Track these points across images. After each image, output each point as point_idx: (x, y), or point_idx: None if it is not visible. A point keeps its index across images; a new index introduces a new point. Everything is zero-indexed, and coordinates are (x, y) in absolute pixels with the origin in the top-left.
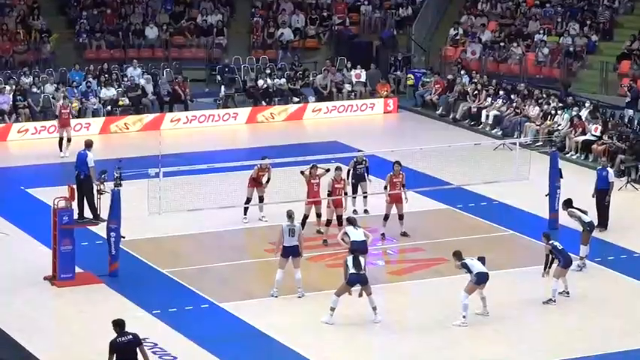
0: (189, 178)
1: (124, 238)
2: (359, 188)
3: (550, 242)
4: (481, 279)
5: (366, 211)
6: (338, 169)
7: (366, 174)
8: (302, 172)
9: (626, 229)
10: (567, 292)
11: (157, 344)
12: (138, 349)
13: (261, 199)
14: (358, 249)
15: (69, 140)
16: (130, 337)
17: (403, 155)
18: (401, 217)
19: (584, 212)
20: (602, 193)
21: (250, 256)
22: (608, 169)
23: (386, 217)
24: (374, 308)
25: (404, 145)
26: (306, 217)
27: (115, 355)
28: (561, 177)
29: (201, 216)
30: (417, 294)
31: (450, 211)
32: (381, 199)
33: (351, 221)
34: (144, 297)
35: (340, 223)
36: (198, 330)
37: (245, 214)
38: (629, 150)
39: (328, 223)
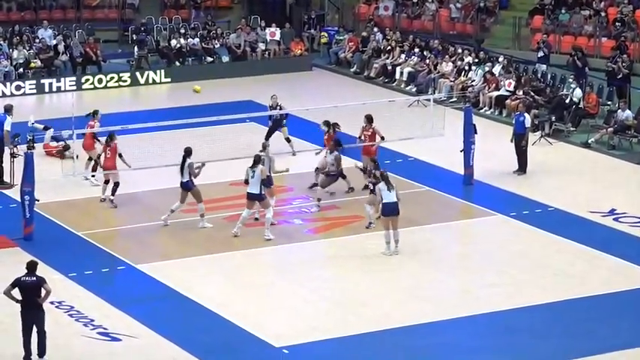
0: (104, 139)
1: (38, 200)
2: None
3: (379, 171)
4: (387, 210)
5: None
6: None
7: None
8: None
9: (539, 182)
10: (396, 241)
11: (73, 307)
12: (42, 288)
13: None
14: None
15: None
16: (34, 279)
17: (318, 113)
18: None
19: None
20: (520, 137)
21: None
22: (525, 114)
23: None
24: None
25: (319, 103)
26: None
27: (15, 289)
28: (476, 132)
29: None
30: (333, 251)
31: None
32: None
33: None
34: (60, 260)
35: None
36: (114, 292)
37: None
38: (548, 105)
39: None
